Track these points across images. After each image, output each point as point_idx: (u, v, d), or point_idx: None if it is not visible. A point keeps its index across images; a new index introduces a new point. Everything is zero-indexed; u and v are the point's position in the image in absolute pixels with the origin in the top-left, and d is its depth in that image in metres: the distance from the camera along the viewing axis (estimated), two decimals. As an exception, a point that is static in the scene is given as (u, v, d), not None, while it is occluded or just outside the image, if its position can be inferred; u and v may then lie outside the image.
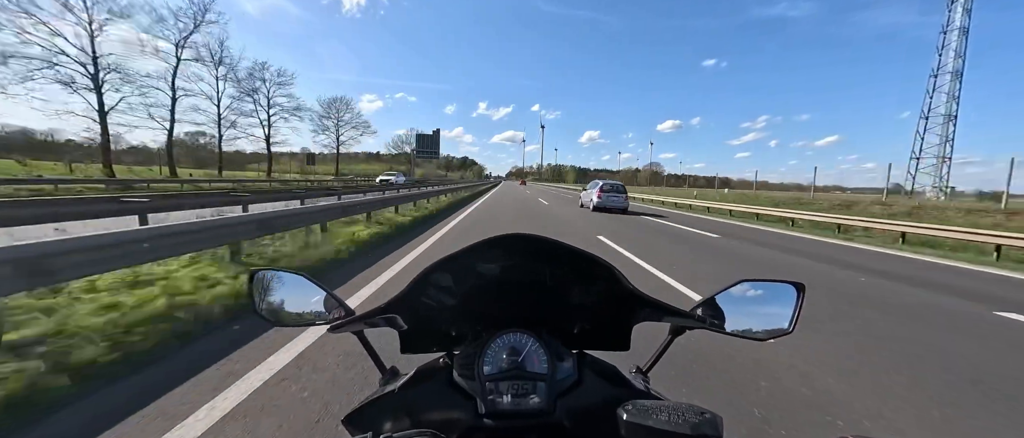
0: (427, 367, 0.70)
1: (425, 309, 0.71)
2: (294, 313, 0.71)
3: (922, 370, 2.77)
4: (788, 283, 0.68)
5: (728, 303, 0.68)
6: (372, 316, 0.68)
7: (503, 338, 0.66)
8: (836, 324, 3.65)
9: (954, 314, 4.21)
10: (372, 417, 0.63)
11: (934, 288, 5.44)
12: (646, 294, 0.67)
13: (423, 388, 0.65)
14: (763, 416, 2.08)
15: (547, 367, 0.63)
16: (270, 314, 0.71)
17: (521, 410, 0.60)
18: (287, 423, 1.84)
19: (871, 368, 2.76)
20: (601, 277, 0.68)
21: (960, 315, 4.19)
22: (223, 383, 2.17)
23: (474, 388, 0.62)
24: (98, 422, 1.80)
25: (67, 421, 1.83)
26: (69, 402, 1.96)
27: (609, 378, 0.66)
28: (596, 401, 0.62)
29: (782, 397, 2.30)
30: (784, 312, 0.67)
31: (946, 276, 6.40)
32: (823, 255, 8.03)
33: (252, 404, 1.99)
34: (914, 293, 5.09)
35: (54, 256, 2.45)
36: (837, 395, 2.36)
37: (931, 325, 3.79)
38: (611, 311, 0.72)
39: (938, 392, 2.46)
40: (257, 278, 0.72)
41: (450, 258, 0.64)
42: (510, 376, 0.62)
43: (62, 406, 1.92)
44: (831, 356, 2.91)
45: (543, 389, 0.61)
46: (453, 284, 0.70)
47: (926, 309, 4.34)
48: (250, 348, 2.63)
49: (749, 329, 0.66)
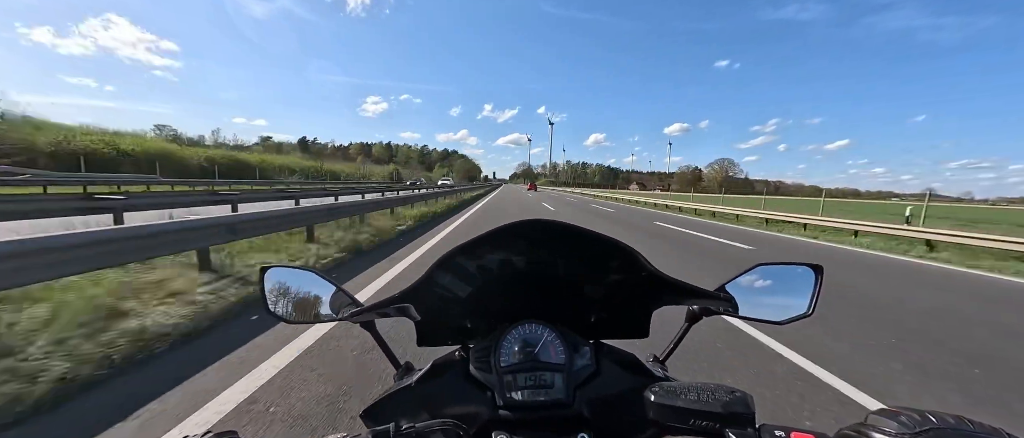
0: (443, 360, 0.69)
1: (439, 300, 0.69)
2: (305, 310, 0.72)
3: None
4: (806, 266, 0.69)
5: (746, 287, 0.69)
6: (385, 306, 0.66)
7: (519, 329, 0.66)
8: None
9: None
10: (391, 411, 0.63)
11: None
12: (667, 276, 0.65)
13: (439, 381, 0.65)
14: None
15: (564, 358, 0.63)
16: (282, 311, 0.71)
17: (539, 402, 0.59)
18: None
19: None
20: (621, 261, 0.66)
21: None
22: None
23: (490, 381, 0.62)
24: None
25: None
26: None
27: (628, 367, 0.66)
28: (616, 390, 0.62)
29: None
30: (802, 295, 0.67)
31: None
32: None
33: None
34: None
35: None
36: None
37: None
38: (630, 297, 0.71)
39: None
40: (268, 275, 0.73)
41: (465, 247, 0.62)
42: (526, 368, 0.61)
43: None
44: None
45: (561, 380, 0.61)
46: (468, 273, 0.68)
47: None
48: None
49: (768, 313, 0.67)
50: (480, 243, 0.62)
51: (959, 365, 2.96)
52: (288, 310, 0.72)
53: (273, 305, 0.72)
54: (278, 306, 0.72)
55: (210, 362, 2.47)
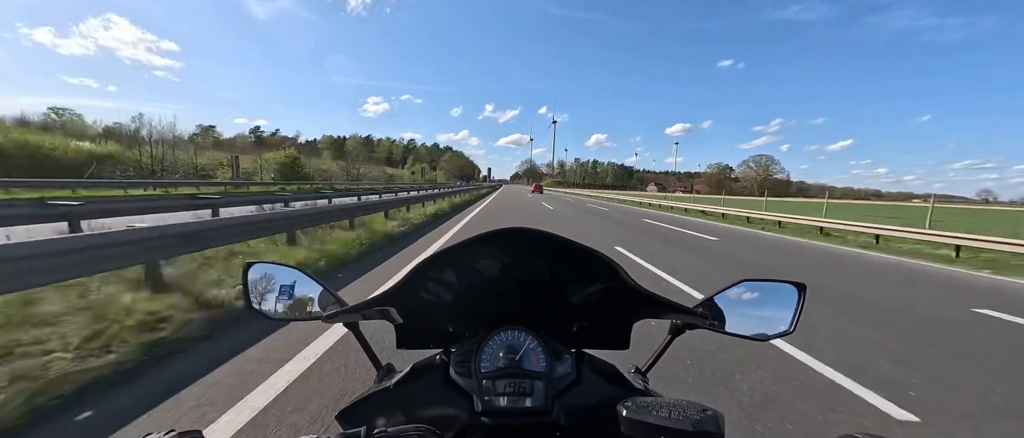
0: (423, 364, 0.68)
1: (421, 303, 0.69)
2: (289, 308, 0.72)
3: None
4: (789, 283, 0.70)
5: (729, 303, 0.69)
6: (366, 307, 0.66)
7: (501, 336, 0.66)
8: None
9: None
10: (366, 413, 0.62)
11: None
12: (648, 290, 0.66)
13: (419, 385, 0.64)
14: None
15: (545, 366, 0.63)
16: (265, 308, 0.72)
17: (518, 409, 0.59)
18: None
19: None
20: (603, 273, 0.67)
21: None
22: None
23: (471, 386, 0.61)
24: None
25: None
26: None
27: (608, 377, 0.66)
28: (594, 400, 0.62)
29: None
30: (785, 312, 0.68)
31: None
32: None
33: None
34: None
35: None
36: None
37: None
38: (611, 308, 0.71)
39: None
40: (252, 270, 0.73)
41: (448, 252, 0.63)
42: (507, 374, 0.61)
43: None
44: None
45: (540, 388, 0.61)
46: (451, 278, 0.68)
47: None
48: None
49: (750, 329, 0.68)
50: (463, 248, 0.62)
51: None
52: (270, 307, 0.72)
53: (256, 301, 0.72)
54: (261, 302, 0.72)
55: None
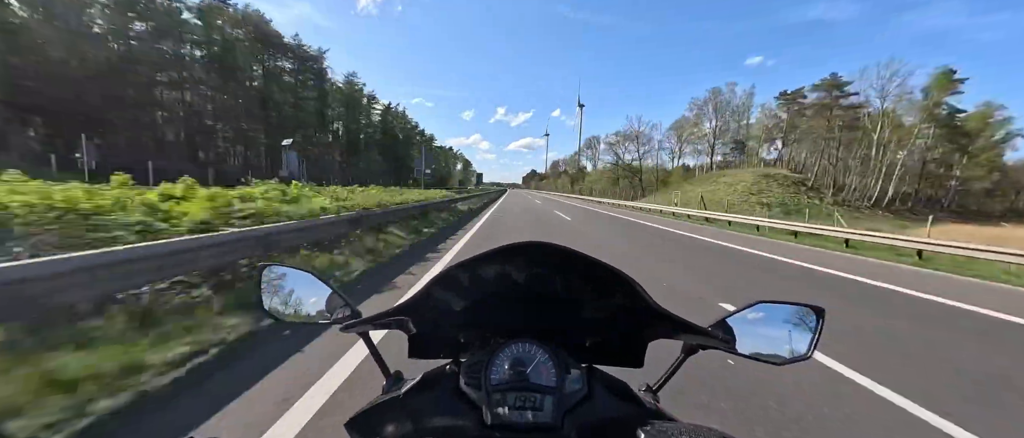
0: (433, 374, 0.68)
1: (436, 314, 0.70)
2: (301, 311, 0.73)
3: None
4: (807, 307, 0.67)
5: (745, 324, 0.67)
6: (383, 318, 0.67)
7: (512, 348, 0.64)
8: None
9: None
10: (375, 422, 0.62)
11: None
12: (665, 309, 0.64)
13: (428, 395, 0.64)
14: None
15: (556, 380, 0.61)
16: (277, 311, 0.72)
17: (527, 423, 0.58)
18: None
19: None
20: (619, 290, 0.66)
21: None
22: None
23: (480, 398, 0.60)
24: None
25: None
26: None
27: (619, 395, 0.65)
28: (605, 418, 0.60)
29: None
30: (802, 336, 0.66)
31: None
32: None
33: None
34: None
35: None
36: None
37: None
38: (627, 326, 0.70)
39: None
40: (266, 273, 0.74)
41: (465, 264, 0.63)
42: (517, 387, 0.60)
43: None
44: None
45: (550, 403, 0.59)
46: (466, 290, 0.68)
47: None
48: None
49: (765, 352, 0.66)
50: (480, 261, 0.63)
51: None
52: (282, 309, 0.73)
53: (268, 303, 0.73)
54: (272, 304, 0.73)
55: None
